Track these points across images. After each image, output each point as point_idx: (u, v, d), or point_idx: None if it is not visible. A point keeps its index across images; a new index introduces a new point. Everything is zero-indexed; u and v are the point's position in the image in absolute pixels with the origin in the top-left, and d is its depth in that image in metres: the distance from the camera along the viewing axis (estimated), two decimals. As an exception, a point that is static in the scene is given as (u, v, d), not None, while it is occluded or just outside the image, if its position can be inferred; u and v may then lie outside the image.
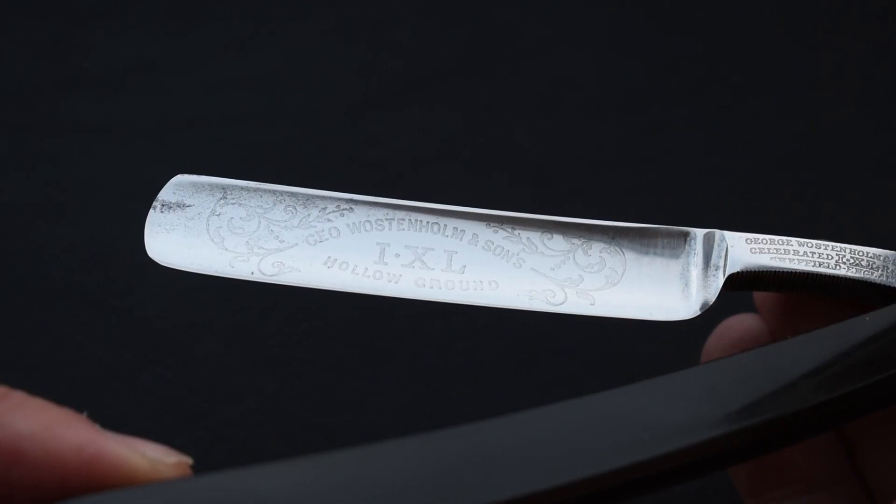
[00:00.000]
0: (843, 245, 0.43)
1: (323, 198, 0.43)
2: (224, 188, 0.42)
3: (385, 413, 0.55)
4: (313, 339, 0.58)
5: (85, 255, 0.60)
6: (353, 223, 0.42)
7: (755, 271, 0.42)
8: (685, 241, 0.43)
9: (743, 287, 0.43)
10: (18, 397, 0.34)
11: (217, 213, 0.42)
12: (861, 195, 0.62)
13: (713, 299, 0.42)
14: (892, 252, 0.43)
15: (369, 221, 0.42)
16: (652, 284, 0.42)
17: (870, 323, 0.40)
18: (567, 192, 0.63)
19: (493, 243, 0.42)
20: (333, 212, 0.42)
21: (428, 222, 0.42)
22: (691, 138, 0.65)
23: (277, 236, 0.42)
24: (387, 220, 0.42)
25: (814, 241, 0.43)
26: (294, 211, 0.42)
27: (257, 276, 0.41)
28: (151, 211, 0.42)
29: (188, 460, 0.36)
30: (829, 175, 0.63)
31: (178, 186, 0.42)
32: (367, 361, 0.57)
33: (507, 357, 0.57)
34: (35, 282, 0.59)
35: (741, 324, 0.46)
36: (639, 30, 0.69)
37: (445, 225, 0.43)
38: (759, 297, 0.47)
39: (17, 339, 0.58)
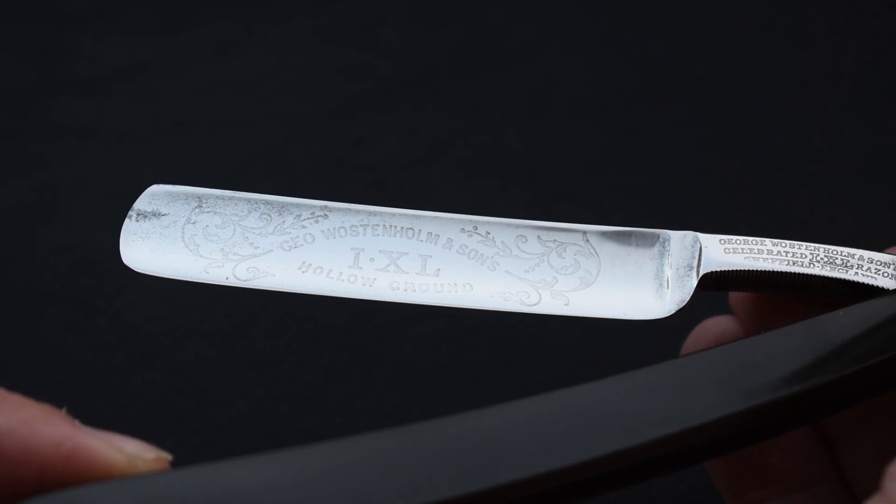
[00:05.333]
0: (817, 244, 0.43)
1: (297, 205, 0.43)
2: (199, 197, 0.43)
3: (373, 414, 0.55)
4: (302, 342, 0.58)
5: (74, 259, 0.60)
6: (328, 229, 0.42)
7: (729, 271, 0.43)
8: (659, 242, 0.43)
9: (718, 287, 0.43)
10: None
11: (192, 221, 0.42)
12: (851, 197, 0.62)
13: (688, 299, 0.42)
14: (867, 251, 0.43)
15: (344, 227, 0.42)
16: (626, 285, 0.42)
17: (843, 317, 0.41)
18: (556, 192, 0.63)
19: (467, 247, 0.43)
20: (308, 218, 0.42)
21: (402, 227, 0.43)
22: (681, 139, 0.65)
23: (252, 243, 0.42)
24: (361, 225, 0.42)
25: (787, 241, 0.43)
26: (269, 218, 0.42)
27: (232, 282, 0.41)
28: (127, 220, 0.42)
29: (167, 456, 0.36)
30: (820, 177, 0.63)
31: (154, 196, 0.42)
32: (356, 364, 0.57)
33: (494, 358, 0.57)
34: (24, 285, 0.60)
35: (717, 325, 0.47)
36: (628, 31, 0.69)
37: (420, 230, 0.43)
38: (734, 297, 0.47)
39: (6, 342, 0.58)
